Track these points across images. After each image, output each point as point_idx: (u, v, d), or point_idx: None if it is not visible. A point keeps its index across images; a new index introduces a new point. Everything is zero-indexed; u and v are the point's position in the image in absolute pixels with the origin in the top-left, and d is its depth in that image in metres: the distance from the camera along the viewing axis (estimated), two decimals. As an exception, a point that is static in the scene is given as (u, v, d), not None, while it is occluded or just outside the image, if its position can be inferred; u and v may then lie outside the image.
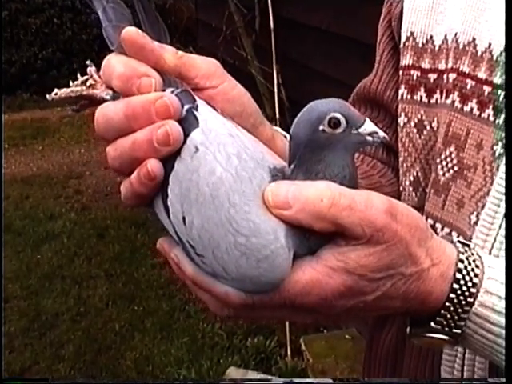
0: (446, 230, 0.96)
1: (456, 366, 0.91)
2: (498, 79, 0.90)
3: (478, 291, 0.74)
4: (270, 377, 3.57)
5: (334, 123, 0.69)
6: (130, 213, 5.64)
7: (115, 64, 0.73)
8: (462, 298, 0.74)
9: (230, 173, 0.69)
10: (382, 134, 0.71)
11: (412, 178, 1.05)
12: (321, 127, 0.69)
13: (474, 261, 0.75)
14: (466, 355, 0.90)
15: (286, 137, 0.89)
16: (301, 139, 0.71)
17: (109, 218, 5.65)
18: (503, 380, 0.77)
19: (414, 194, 1.05)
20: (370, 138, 0.71)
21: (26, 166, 6.98)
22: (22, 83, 9.02)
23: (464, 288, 0.74)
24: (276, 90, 4.10)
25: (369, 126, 0.71)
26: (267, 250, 0.68)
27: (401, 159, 1.07)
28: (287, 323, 3.77)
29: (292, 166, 0.72)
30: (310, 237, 0.70)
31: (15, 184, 6.39)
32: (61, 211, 5.86)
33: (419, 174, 1.04)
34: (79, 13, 9.26)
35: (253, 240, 0.68)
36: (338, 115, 0.69)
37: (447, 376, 0.92)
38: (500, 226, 0.87)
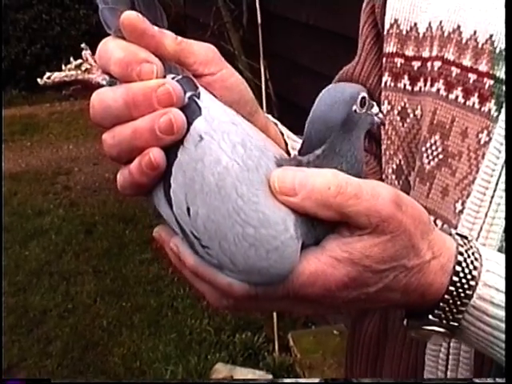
0: (431, 218, 0.95)
1: (441, 355, 0.91)
2: (483, 67, 0.89)
3: (476, 284, 0.74)
4: (258, 371, 3.57)
5: (364, 103, 0.72)
6: (119, 209, 5.65)
7: (114, 49, 0.70)
8: (461, 290, 0.74)
9: (236, 162, 0.68)
10: (381, 114, 0.75)
11: (395, 166, 1.05)
12: (354, 107, 0.71)
13: (473, 253, 0.75)
14: (452, 344, 0.89)
15: (276, 124, 0.89)
16: (335, 121, 0.70)
17: (97, 214, 5.65)
18: (503, 380, 0.77)
19: (396, 183, 1.04)
20: (377, 119, 0.74)
21: (14, 162, 6.97)
22: (11, 79, 8.99)
23: (463, 281, 0.74)
24: (263, 85, 4.09)
25: (376, 107, 0.74)
26: (277, 241, 0.67)
27: (383, 147, 1.07)
28: (275, 319, 3.76)
29: (320, 151, 0.71)
30: (317, 226, 0.69)
31: (3, 180, 6.36)
32: (49, 207, 5.85)
33: (402, 162, 1.04)
34: (68, 8, 9.24)
35: (262, 231, 0.66)
36: (366, 95, 0.72)
37: (431, 364, 0.92)
38: (486, 215, 0.87)
